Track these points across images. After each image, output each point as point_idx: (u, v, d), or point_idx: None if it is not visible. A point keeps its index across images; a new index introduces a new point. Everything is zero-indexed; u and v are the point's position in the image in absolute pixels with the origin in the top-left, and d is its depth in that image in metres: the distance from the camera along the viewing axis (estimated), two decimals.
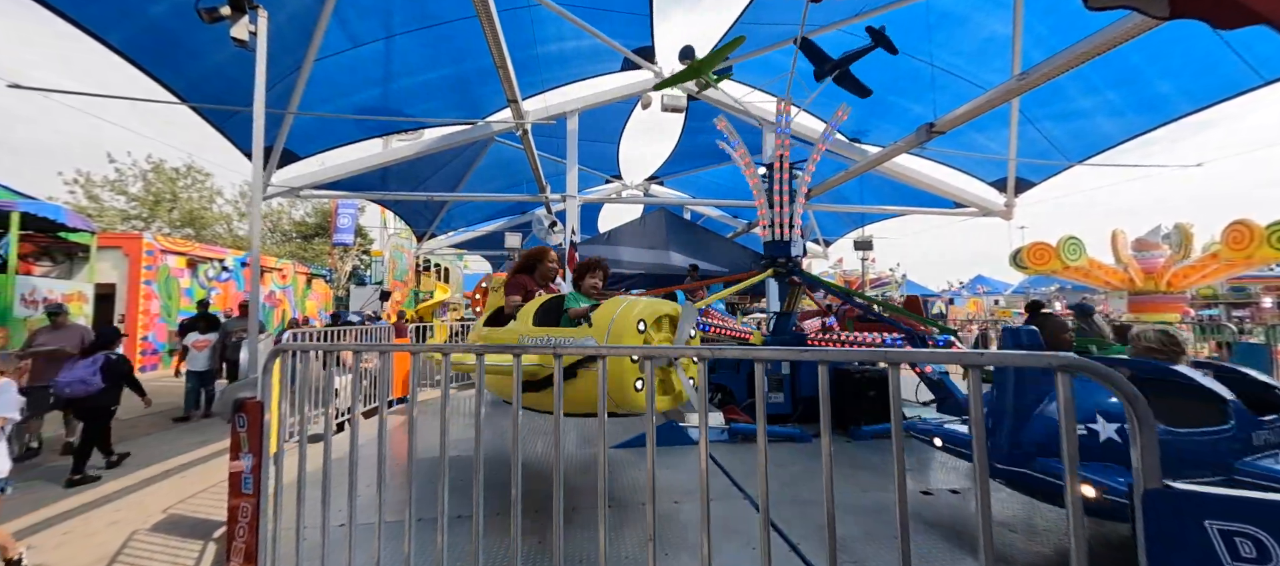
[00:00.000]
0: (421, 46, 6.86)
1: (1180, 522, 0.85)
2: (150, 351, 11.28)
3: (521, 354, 1.72)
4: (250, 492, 1.91)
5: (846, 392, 5.04)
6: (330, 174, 8.42)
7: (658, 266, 8.85)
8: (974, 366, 1.01)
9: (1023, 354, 1.10)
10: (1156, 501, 0.86)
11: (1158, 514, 0.86)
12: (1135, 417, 0.89)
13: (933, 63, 6.90)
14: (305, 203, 24.01)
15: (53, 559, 3.22)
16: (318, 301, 17.35)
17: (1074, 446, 0.91)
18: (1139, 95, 7.06)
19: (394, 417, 5.88)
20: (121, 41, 5.18)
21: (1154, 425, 0.89)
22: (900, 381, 1.18)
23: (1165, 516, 0.86)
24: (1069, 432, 0.92)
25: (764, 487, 1.18)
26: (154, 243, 11.75)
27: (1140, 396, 0.89)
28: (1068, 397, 0.92)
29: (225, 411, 1.94)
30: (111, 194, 19.92)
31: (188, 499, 4.15)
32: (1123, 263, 10.70)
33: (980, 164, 9.18)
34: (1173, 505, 0.85)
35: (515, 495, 1.59)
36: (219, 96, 6.10)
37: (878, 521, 3.01)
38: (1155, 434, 0.89)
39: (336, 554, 2.07)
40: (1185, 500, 0.85)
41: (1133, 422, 0.89)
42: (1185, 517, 0.84)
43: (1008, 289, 27.71)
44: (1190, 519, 0.84)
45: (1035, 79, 4.86)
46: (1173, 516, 0.85)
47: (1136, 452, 0.89)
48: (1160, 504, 0.86)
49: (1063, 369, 0.93)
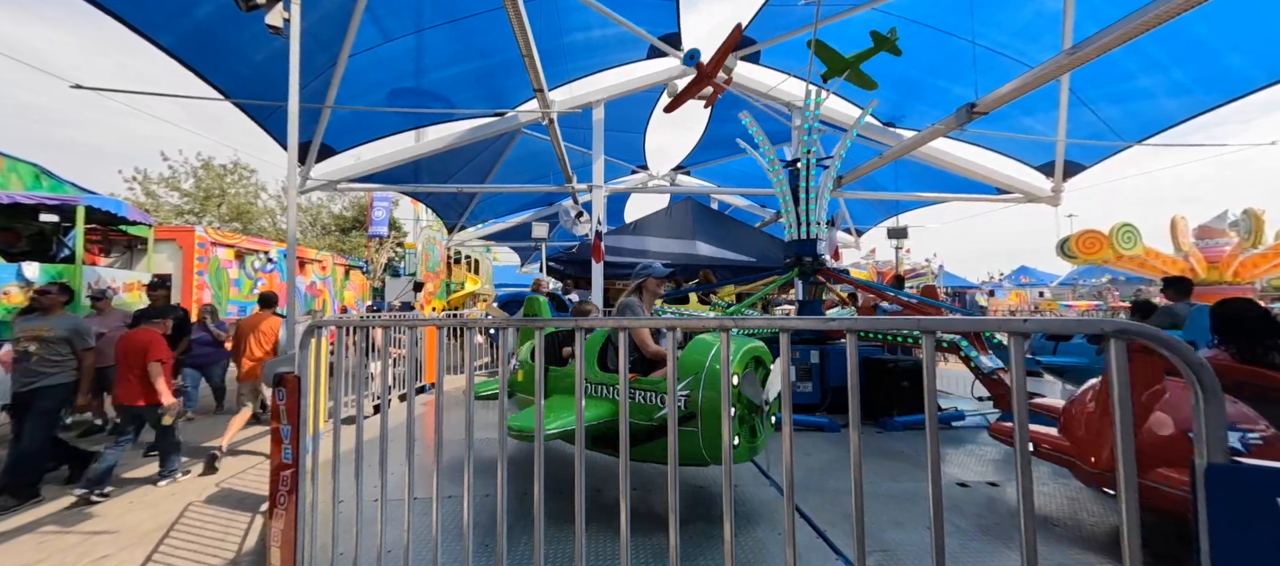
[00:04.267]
0: (450, 40, 6.97)
1: (1248, 500, 0.77)
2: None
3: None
4: (289, 461, 1.99)
5: (878, 383, 4.90)
6: (365, 168, 8.69)
7: (684, 256, 8.79)
8: (1018, 334, 0.95)
9: (1072, 320, 1.03)
10: (1222, 477, 0.79)
11: (1223, 491, 0.79)
12: (1199, 388, 0.82)
13: (974, 41, 6.56)
14: (343, 197, 24.91)
15: (121, 522, 3.46)
16: (355, 292, 18.01)
17: (1129, 419, 0.85)
18: (1205, 70, 6.54)
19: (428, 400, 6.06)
20: (171, 42, 5.46)
21: (1221, 397, 0.82)
22: (934, 352, 1.12)
23: (1232, 494, 0.79)
24: (1124, 403, 0.85)
25: (788, 453, 1.15)
26: (205, 235, 12.41)
27: (1206, 365, 0.81)
28: (1123, 366, 0.85)
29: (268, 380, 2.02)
30: (166, 190, 21.13)
31: (238, 474, 4.40)
32: (1183, 251, 10.01)
33: (1025, 147, 8.70)
34: (1240, 482, 0.78)
35: (537, 466, 1.61)
36: (260, 93, 6.37)
37: (907, 510, 2.92)
38: (1222, 406, 0.82)
39: (369, 525, 2.15)
40: (1254, 476, 0.78)
41: (1196, 393, 0.82)
42: (1254, 495, 0.77)
43: (1054, 280, 26.34)
44: (1260, 496, 0.77)
45: (1088, 52, 4.54)
46: (1240, 494, 0.78)
47: (1200, 424, 0.82)
48: (1227, 480, 0.79)
49: (1118, 335, 0.86)
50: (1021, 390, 0.93)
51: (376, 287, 19.51)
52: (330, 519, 2.04)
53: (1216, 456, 0.80)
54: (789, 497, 1.16)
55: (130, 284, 7.70)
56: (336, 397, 2.55)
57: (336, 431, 2.16)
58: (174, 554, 3.02)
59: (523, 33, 4.83)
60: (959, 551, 2.48)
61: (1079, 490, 3.17)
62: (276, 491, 2.03)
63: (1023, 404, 0.88)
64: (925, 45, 6.51)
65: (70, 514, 3.62)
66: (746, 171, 13.30)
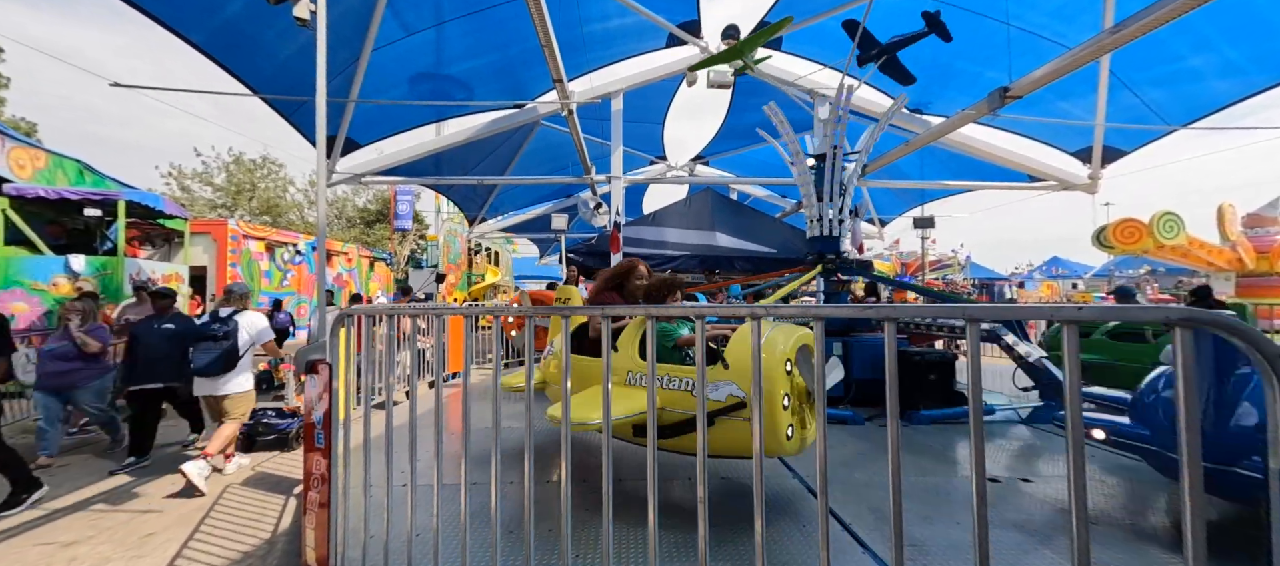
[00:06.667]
0: (469, 32, 7.00)
1: None
2: None
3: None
4: (322, 446, 2.04)
5: (904, 375, 4.78)
6: (388, 161, 8.83)
7: (703, 248, 8.71)
8: (1071, 322, 0.90)
9: (1130, 307, 0.97)
10: None
11: None
12: (1273, 380, 0.76)
13: (1008, 21, 6.30)
14: (367, 191, 25.43)
15: (164, 504, 3.62)
16: (380, 283, 18.41)
17: (1194, 412, 0.80)
18: (1261, 47, 6.15)
19: (457, 389, 6.17)
20: (202, 39, 5.62)
21: None
22: (979, 341, 1.08)
23: None
24: (1187, 395, 0.80)
25: (822, 445, 1.12)
26: (237, 228, 12.81)
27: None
28: (1187, 357, 0.80)
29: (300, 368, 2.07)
30: (200, 185, 21.88)
31: (272, 459, 4.55)
32: (1230, 241, 9.51)
33: (1060, 132, 8.35)
34: None
35: (564, 450, 1.61)
36: (287, 89, 6.51)
37: (935, 505, 2.86)
38: None
39: (399, 510, 2.19)
40: None
41: (1271, 387, 0.77)
42: None
43: (1088, 271, 25.35)
44: None
45: (1132, 30, 4.31)
46: None
47: (1273, 420, 0.76)
48: None
49: (1183, 323, 0.81)
50: (1076, 386, 0.89)
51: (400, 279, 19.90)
52: (361, 503, 2.09)
53: None
54: (822, 493, 1.14)
55: (169, 276, 8.00)
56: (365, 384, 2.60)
57: (367, 417, 2.21)
58: (214, 533, 3.14)
59: (542, 23, 4.82)
60: (992, 548, 2.41)
61: (1126, 482, 3.06)
62: (310, 475, 2.08)
63: (1077, 394, 0.84)
64: (956, 27, 6.26)
65: (116, 492, 3.80)
66: (766, 161, 13.08)
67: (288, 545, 2.93)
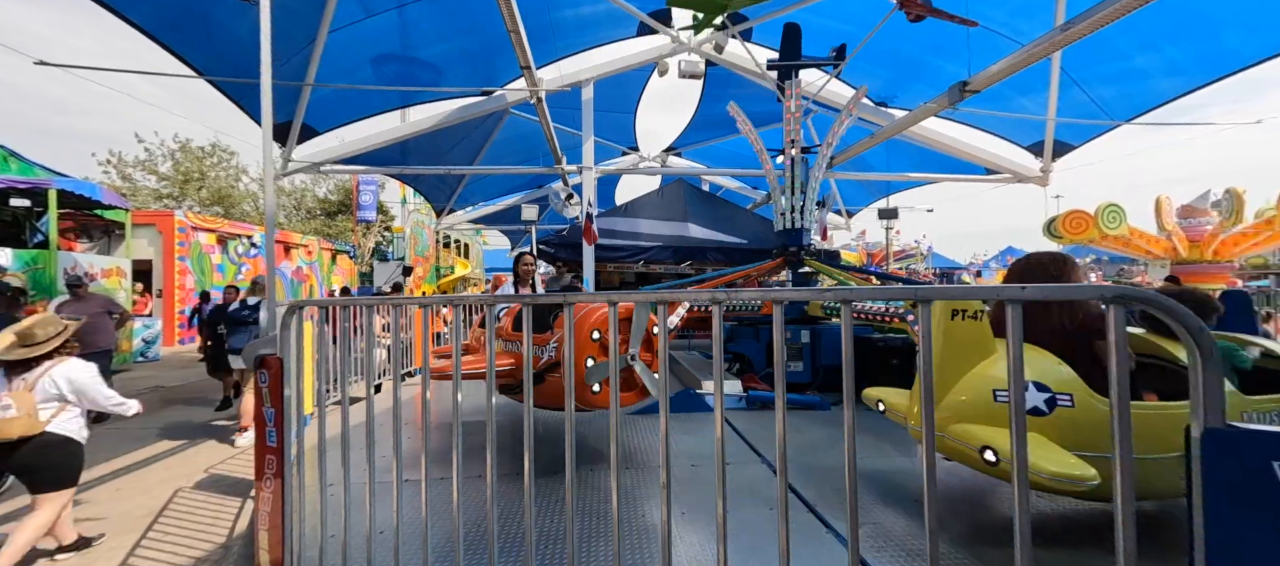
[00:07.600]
0: (435, 15, 6.75)
1: (1243, 465, 0.77)
2: (186, 324, 11.77)
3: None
4: (274, 444, 1.95)
5: (867, 361, 4.94)
6: (350, 149, 8.48)
7: (676, 238, 8.74)
8: (1014, 301, 0.93)
9: (1070, 287, 1.01)
10: (1218, 441, 0.78)
11: (1218, 455, 0.78)
12: (1197, 351, 0.81)
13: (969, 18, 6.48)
14: (328, 180, 24.42)
15: (109, 510, 3.41)
16: (343, 277, 17.78)
17: (1125, 383, 0.84)
18: (1203, 47, 6.50)
19: (416, 387, 6.02)
20: (143, 18, 5.24)
21: (1218, 360, 0.81)
22: (930, 322, 1.10)
23: (1227, 458, 0.78)
24: (1121, 368, 0.84)
25: (781, 426, 1.13)
26: (185, 220, 12.13)
27: (1204, 328, 0.80)
28: (1121, 333, 0.84)
29: (249, 366, 1.97)
30: (143, 173, 20.56)
31: (227, 460, 4.35)
32: (1166, 231, 10.15)
33: (1016, 127, 8.70)
34: (1235, 446, 0.78)
35: (528, 442, 1.59)
36: (239, 72, 6.14)
37: (897, 487, 2.96)
38: (1219, 370, 0.81)
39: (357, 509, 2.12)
40: (1251, 440, 0.77)
41: (1194, 357, 0.81)
42: (1250, 459, 0.77)
43: None
44: (1256, 460, 0.76)
45: (1080, 28, 4.50)
46: (1235, 458, 0.78)
47: (1197, 389, 0.81)
48: (1222, 444, 0.78)
49: (1117, 300, 0.85)
50: (1019, 358, 0.92)
51: (364, 272, 19.25)
52: (319, 502, 2.01)
53: (1213, 421, 0.79)
54: (782, 473, 1.15)
55: (109, 270, 7.52)
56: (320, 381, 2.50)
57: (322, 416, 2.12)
58: (165, 539, 2.99)
59: (509, 8, 4.69)
60: (949, 530, 2.52)
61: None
62: (262, 474, 1.99)
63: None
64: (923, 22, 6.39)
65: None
66: (737, 152, 13.19)
67: (243, 549, 2.81)
